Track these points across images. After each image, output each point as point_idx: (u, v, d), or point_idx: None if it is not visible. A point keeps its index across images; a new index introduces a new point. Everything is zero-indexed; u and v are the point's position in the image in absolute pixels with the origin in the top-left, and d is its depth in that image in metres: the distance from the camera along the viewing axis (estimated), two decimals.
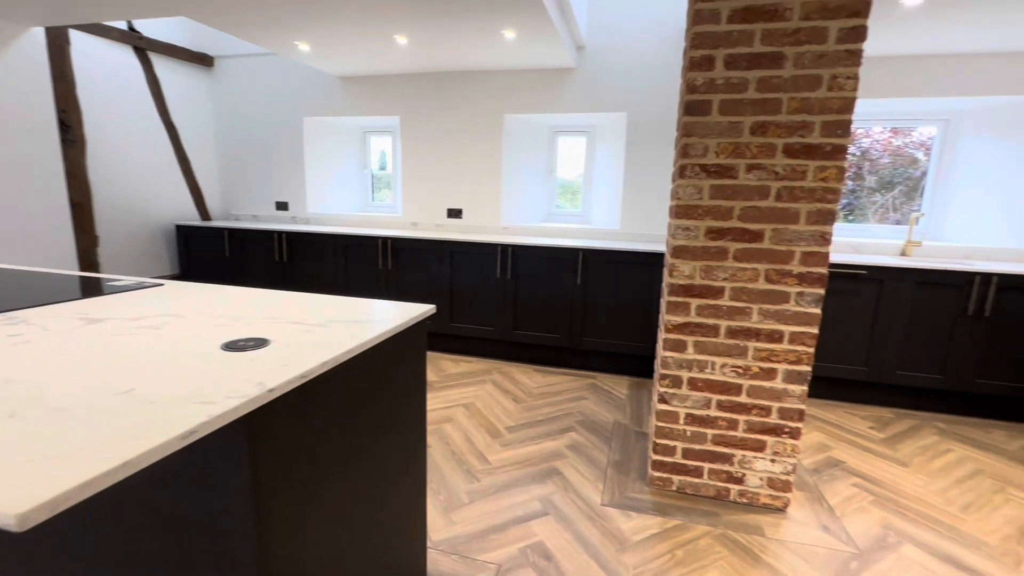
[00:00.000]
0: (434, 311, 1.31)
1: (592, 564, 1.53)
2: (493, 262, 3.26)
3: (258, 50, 4.04)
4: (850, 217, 3.87)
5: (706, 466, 1.88)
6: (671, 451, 1.91)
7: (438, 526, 1.69)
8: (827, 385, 2.91)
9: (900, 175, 3.79)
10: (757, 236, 1.70)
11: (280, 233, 3.77)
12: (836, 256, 2.93)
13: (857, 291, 2.74)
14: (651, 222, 3.45)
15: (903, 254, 3.11)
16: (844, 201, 3.93)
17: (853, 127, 3.62)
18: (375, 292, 3.58)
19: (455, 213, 3.85)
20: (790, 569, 1.54)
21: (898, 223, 3.62)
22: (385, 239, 3.48)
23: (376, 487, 1.11)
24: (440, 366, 3.25)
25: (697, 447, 1.88)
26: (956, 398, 2.75)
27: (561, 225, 3.78)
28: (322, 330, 1.04)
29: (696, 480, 1.90)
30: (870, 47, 2.86)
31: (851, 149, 3.89)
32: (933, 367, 2.70)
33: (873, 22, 2.49)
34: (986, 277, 2.56)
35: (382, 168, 4.48)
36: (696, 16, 1.65)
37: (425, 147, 3.84)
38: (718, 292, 1.76)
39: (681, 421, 1.87)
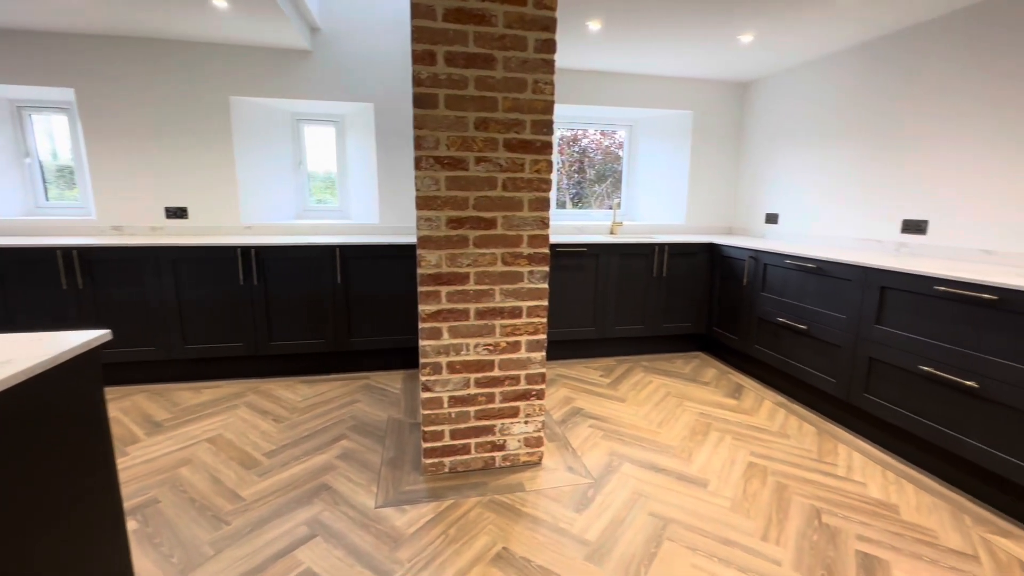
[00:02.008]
0: (107, 338, 1.02)
1: (366, 574, 1.47)
2: (233, 268, 2.81)
3: None
4: (579, 204, 4.62)
5: (472, 441, 2.00)
6: (439, 435, 1.97)
7: None
8: (570, 346, 3.44)
9: (610, 169, 4.68)
10: (491, 223, 1.85)
11: None
12: (566, 237, 3.46)
13: (582, 266, 3.29)
14: (410, 214, 3.48)
15: (612, 233, 3.86)
16: (573, 191, 4.68)
17: (575, 129, 4.35)
18: (59, 322, 2.71)
19: (177, 213, 3.19)
20: (545, 512, 1.77)
21: (610, 208, 4.48)
22: (69, 249, 2.65)
23: None
24: (173, 399, 2.67)
25: (463, 426, 1.98)
26: (651, 341, 3.58)
27: (317, 222, 3.50)
28: None
29: (465, 457, 2.01)
30: (578, 61, 3.41)
31: (574, 148, 4.66)
32: (637, 320, 3.44)
33: (573, 41, 2.98)
34: (661, 247, 3.37)
35: (55, 158, 3.38)
36: (415, 9, 1.68)
37: (121, 130, 3.05)
38: (464, 278, 1.86)
39: (445, 405, 1.95)
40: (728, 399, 2.80)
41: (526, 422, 2.04)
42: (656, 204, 4.21)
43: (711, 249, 3.46)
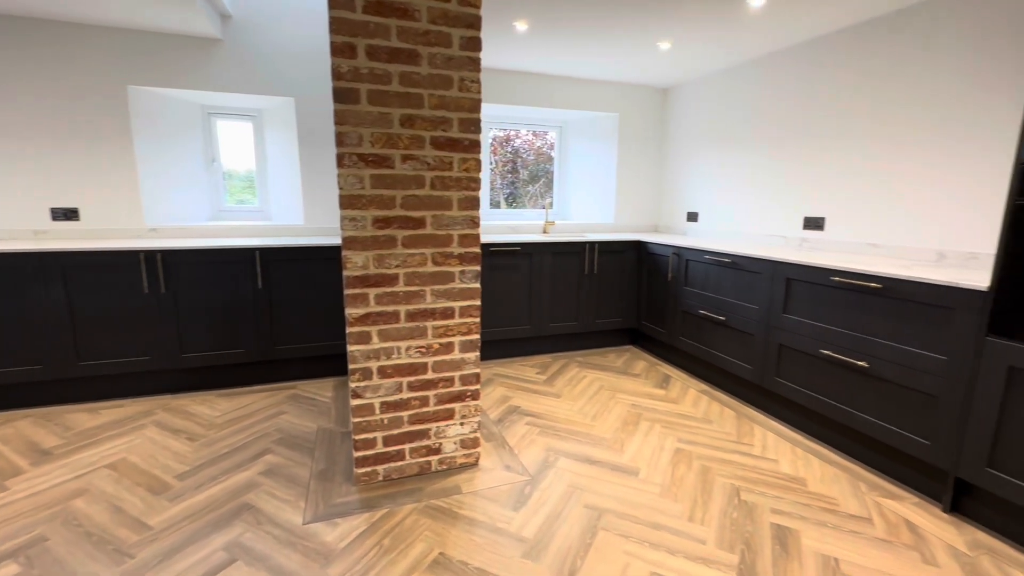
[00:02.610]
0: None
1: None
2: (136, 274, 2.56)
3: None
4: (513, 204, 4.65)
5: (407, 447, 1.95)
6: (372, 443, 1.90)
7: None
8: (506, 345, 3.45)
9: (542, 170, 4.75)
10: (420, 223, 1.81)
11: None
12: (500, 236, 3.47)
13: (516, 265, 3.31)
14: (337, 215, 3.34)
15: (544, 232, 3.92)
16: (507, 191, 4.71)
17: (507, 129, 4.37)
18: None
19: (66, 214, 2.85)
20: (482, 513, 1.75)
21: (543, 208, 4.54)
22: None
23: None
24: (66, 423, 2.39)
25: (396, 431, 1.92)
26: (585, 337, 3.67)
27: (235, 223, 3.27)
28: None
29: (400, 463, 1.96)
30: (508, 62, 3.43)
31: (507, 148, 4.69)
32: (570, 316, 3.52)
33: (502, 41, 2.98)
34: (592, 245, 3.47)
35: None
36: (332, 0, 1.61)
37: None
38: (393, 279, 1.81)
39: (377, 411, 1.88)
40: (657, 389, 2.93)
41: (462, 424, 2.02)
42: (587, 204, 4.33)
43: (638, 247, 3.61)
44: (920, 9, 2.28)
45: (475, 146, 1.84)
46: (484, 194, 4.10)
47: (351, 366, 1.82)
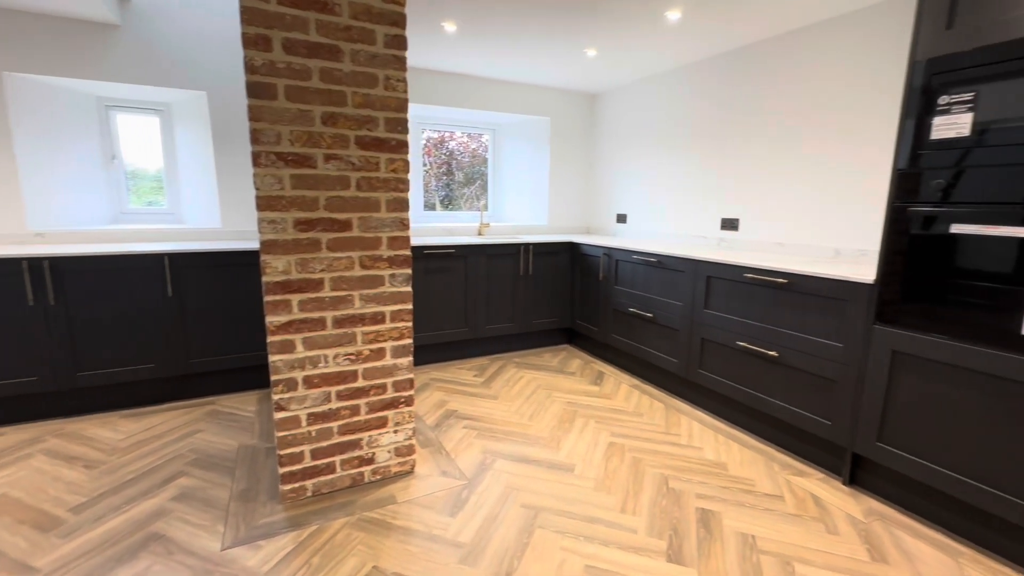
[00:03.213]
0: None
1: None
2: (19, 284, 2.27)
3: None
4: (449, 206, 4.60)
5: (337, 459, 1.87)
6: (299, 457, 1.80)
7: None
8: (443, 348, 3.41)
9: (478, 172, 4.74)
10: (346, 225, 1.74)
11: None
12: (435, 239, 3.43)
13: (452, 267, 3.28)
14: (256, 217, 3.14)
15: (480, 234, 3.92)
16: (442, 193, 4.65)
17: (441, 130, 4.32)
18: None
19: None
20: (418, 522, 1.71)
21: (478, 210, 4.53)
22: None
23: None
24: None
25: (325, 443, 1.84)
26: (522, 337, 3.71)
27: (141, 227, 2.99)
28: None
29: (330, 476, 1.87)
30: (440, 63, 3.39)
31: (442, 150, 4.63)
32: (507, 318, 3.54)
33: (432, 41, 2.95)
34: (527, 247, 3.51)
35: None
36: None
37: None
38: (318, 284, 1.73)
39: (304, 423, 1.78)
40: (592, 386, 3.01)
41: (396, 431, 1.96)
42: (521, 206, 4.38)
43: (571, 247, 3.70)
44: (814, 28, 2.52)
45: (403, 146, 1.80)
46: (418, 196, 4.03)
47: (273, 377, 1.71)
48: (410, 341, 1.93)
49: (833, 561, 1.56)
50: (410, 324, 1.92)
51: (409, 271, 1.88)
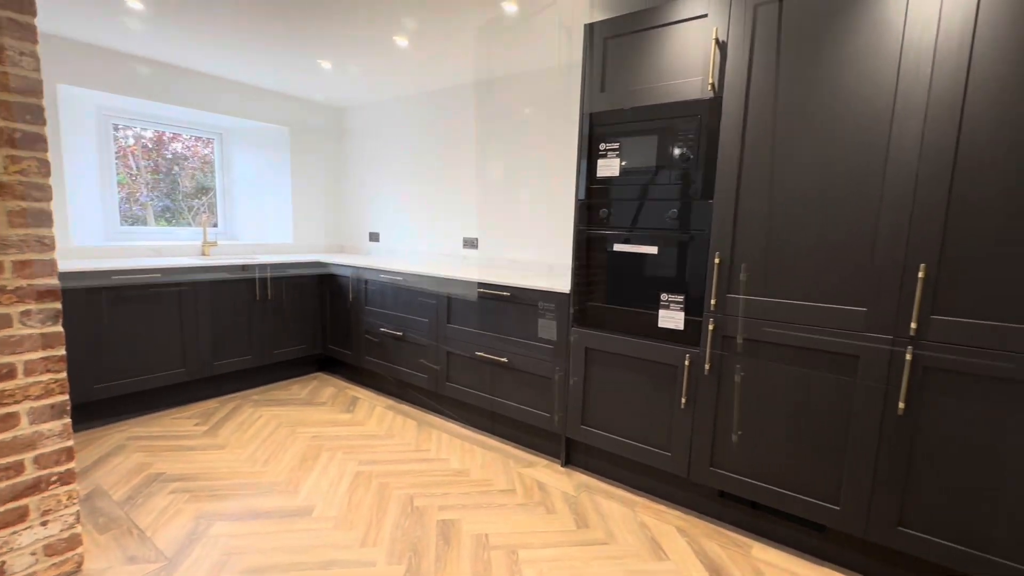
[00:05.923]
0: None
1: None
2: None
3: None
4: (173, 221, 3.76)
5: None
6: None
7: None
8: (153, 396, 2.75)
9: (212, 181, 4.02)
10: None
11: None
12: (135, 261, 2.74)
13: (160, 295, 2.68)
14: None
15: (204, 255, 3.32)
16: (159, 205, 3.77)
17: (151, 128, 3.49)
18: None
19: None
20: None
21: (215, 225, 3.83)
22: None
23: None
24: None
25: None
26: (265, 371, 3.28)
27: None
28: None
29: None
30: (139, 47, 2.74)
31: (166, 153, 3.75)
32: (243, 351, 3.07)
33: (113, 16, 2.37)
34: (264, 268, 3.12)
35: None
36: None
37: None
38: None
39: None
40: (343, 414, 2.83)
41: (44, 523, 1.45)
42: (262, 222, 3.90)
43: (319, 267, 3.45)
44: (523, 76, 2.94)
45: (36, 141, 1.36)
46: (109, 207, 3.18)
47: None
48: (65, 398, 1.46)
49: (549, 538, 1.78)
50: (63, 376, 1.45)
51: (57, 305, 1.43)
